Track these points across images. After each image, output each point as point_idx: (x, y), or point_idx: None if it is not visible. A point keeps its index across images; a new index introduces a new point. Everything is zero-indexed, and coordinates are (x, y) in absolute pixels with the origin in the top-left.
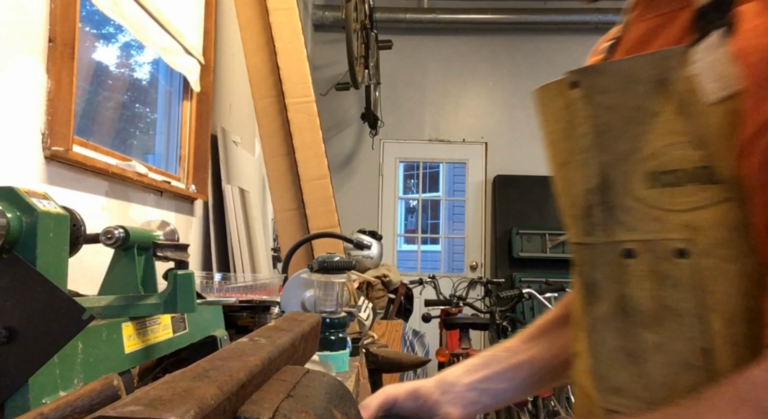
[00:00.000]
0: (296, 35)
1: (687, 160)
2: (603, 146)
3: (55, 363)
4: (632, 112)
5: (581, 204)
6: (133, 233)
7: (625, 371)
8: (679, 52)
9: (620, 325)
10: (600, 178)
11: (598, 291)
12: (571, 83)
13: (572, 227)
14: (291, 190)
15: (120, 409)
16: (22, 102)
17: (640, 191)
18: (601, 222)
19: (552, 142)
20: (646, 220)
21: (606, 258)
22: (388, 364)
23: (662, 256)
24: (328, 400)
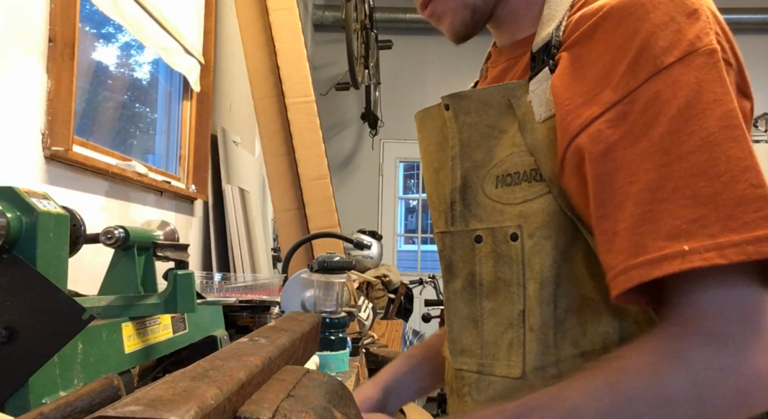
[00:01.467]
0: (296, 35)
1: (523, 164)
2: (465, 155)
3: (55, 363)
4: (487, 128)
5: (447, 200)
6: (133, 233)
7: (470, 334)
8: (521, 84)
9: (468, 296)
10: (462, 180)
11: (455, 270)
12: (445, 105)
13: (439, 219)
14: (291, 190)
15: (120, 409)
16: (22, 102)
17: (490, 190)
18: (460, 215)
19: (430, 153)
20: (492, 212)
21: (462, 243)
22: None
23: (500, 240)
24: (328, 400)
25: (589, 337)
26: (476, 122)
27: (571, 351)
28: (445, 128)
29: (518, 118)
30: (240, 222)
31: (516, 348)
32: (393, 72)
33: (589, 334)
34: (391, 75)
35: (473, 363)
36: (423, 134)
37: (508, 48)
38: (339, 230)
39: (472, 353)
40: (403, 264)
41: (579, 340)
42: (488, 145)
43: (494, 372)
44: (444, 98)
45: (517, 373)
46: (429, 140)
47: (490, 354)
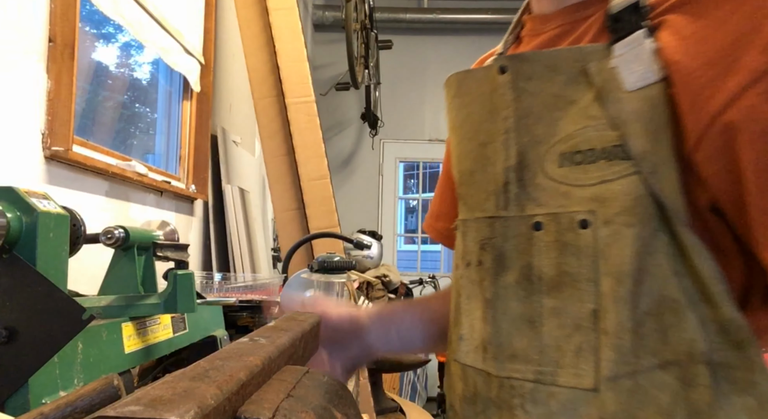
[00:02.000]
0: (296, 35)
1: (600, 140)
2: (523, 128)
3: (55, 363)
4: (552, 98)
5: (499, 180)
6: (133, 233)
7: (524, 336)
8: (599, 48)
9: (523, 293)
10: (518, 158)
11: (507, 262)
12: (500, 68)
13: (486, 202)
14: (291, 190)
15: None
16: (22, 102)
17: (552, 170)
18: (515, 198)
19: (473, 123)
20: (555, 196)
21: (517, 231)
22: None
23: (566, 227)
24: (328, 400)
25: (671, 346)
26: (539, 90)
27: (650, 360)
28: (496, 95)
29: (596, 86)
30: (240, 222)
31: (586, 354)
32: (393, 72)
33: (671, 342)
34: (391, 75)
35: (528, 371)
36: (463, 100)
37: (560, 12)
38: (339, 230)
39: (526, 359)
40: (403, 264)
41: (659, 349)
42: (551, 117)
43: (557, 382)
44: (500, 59)
45: (588, 384)
46: (472, 108)
47: (551, 361)
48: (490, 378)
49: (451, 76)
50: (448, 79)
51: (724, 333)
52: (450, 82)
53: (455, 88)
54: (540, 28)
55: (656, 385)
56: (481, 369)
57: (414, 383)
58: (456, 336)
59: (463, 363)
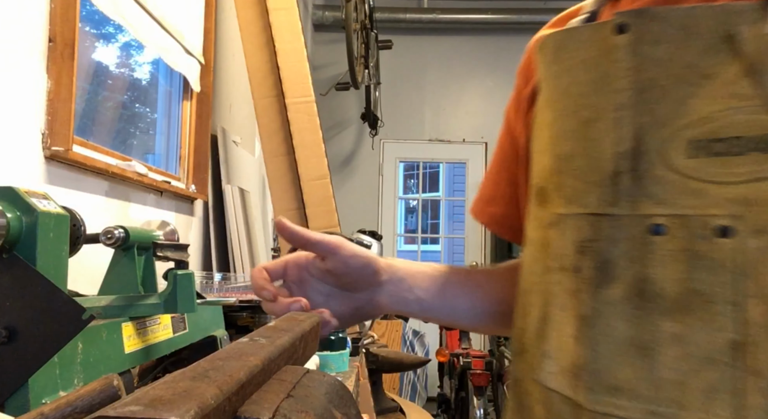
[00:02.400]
0: (296, 35)
1: (752, 126)
2: (643, 105)
3: (55, 363)
4: (683, 69)
5: (607, 169)
6: (133, 233)
7: (632, 366)
8: (753, 8)
9: (635, 312)
10: (633, 142)
11: (613, 271)
12: (618, 26)
13: (588, 194)
14: (291, 190)
15: (120, 409)
16: (22, 102)
17: (678, 160)
18: (627, 192)
19: (574, 95)
20: (683, 194)
21: (628, 233)
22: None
23: (698, 234)
24: (328, 400)
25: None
26: (668, 57)
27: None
28: (608, 61)
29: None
30: (240, 222)
31: (723, 396)
32: (393, 72)
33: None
34: (391, 75)
35: (636, 409)
36: (562, 67)
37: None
38: (339, 230)
39: (634, 394)
40: None
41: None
42: (682, 92)
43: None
44: (621, 14)
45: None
46: (574, 76)
47: (670, 400)
48: (581, 411)
49: (547, 37)
50: (543, 40)
51: None
52: (545, 45)
53: (552, 51)
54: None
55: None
56: (570, 398)
57: (414, 383)
58: (539, 350)
59: (545, 386)
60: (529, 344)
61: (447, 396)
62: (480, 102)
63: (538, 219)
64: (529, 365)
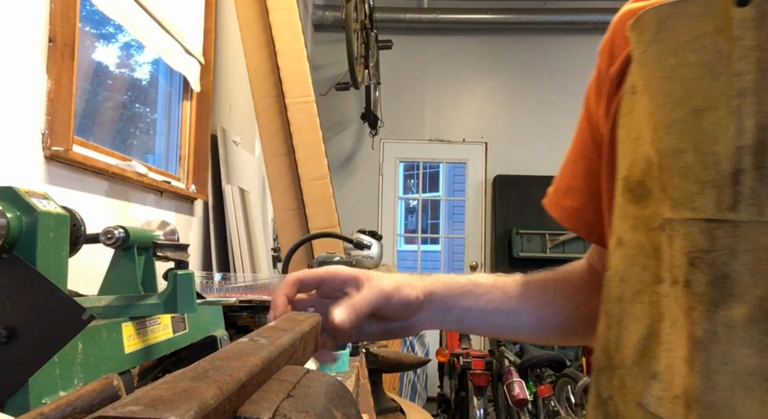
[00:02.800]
0: (296, 35)
1: None
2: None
3: (55, 363)
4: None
5: (725, 166)
6: (133, 233)
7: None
8: None
9: (763, 338)
10: (758, 136)
11: (734, 288)
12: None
13: (700, 196)
14: (291, 190)
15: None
16: (22, 102)
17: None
18: (751, 194)
19: (682, 80)
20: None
21: (752, 244)
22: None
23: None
24: (328, 400)
25: None
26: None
27: None
28: (724, 39)
29: None
30: (240, 222)
31: None
32: (393, 72)
33: None
34: (391, 75)
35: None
36: (666, 46)
37: None
38: (339, 230)
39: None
40: (403, 264)
41: None
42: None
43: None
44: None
45: None
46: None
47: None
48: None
49: (647, 12)
50: (642, 15)
51: None
52: (644, 21)
53: (654, 28)
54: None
55: None
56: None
57: (414, 383)
58: (645, 371)
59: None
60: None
61: (447, 396)
62: (480, 102)
63: (638, 218)
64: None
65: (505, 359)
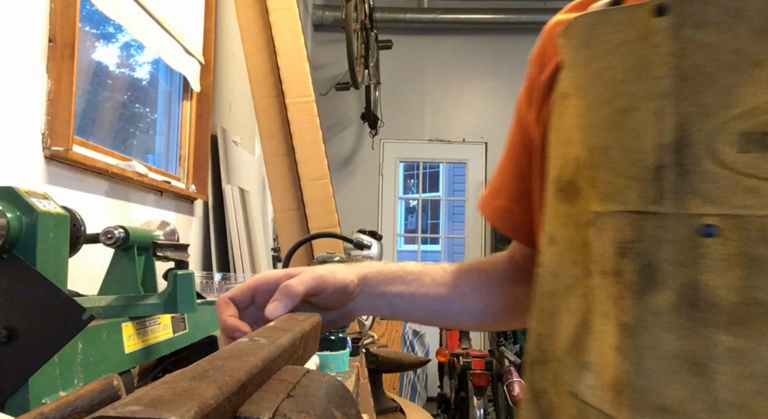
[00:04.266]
0: (296, 35)
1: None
2: (686, 94)
3: (55, 363)
4: (731, 55)
5: (648, 162)
6: (133, 233)
7: (683, 385)
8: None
9: (684, 323)
10: (677, 134)
11: (659, 277)
12: (657, 8)
13: (628, 190)
14: (291, 190)
15: (120, 409)
16: (22, 102)
17: (729, 154)
18: (672, 189)
19: (608, 83)
20: (736, 192)
21: (675, 235)
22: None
23: (755, 236)
24: (328, 400)
25: None
26: (714, 42)
27: None
28: (646, 46)
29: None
30: (240, 222)
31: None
32: (393, 72)
33: None
34: (391, 75)
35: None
36: (594, 51)
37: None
38: (339, 230)
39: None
40: None
41: None
42: (730, 81)
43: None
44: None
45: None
46: (607, 62)
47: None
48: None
49: (575, 21)
50: (571, 23)
51: None
52: (573, 29)
53: (582, 36)
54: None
55: None
56: (611, 416)
57: (414, 383)
58: (577, 362)
59: (583, 401)
60: (561, 353)
61: (447, 396)
62: (480, 102)
63: (569, 216)
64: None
65: (505, 359)
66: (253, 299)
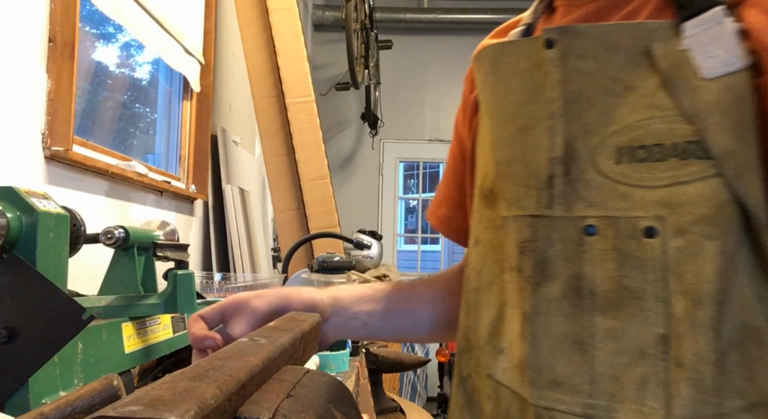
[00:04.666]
0: (296, 35)
1: (671, 135)
2: (572, 114)
3: (55, 363)
4: (608, 81)
5: (542, 173)
6: (133, 233)
7: (570, 361)
8: (665, 26)
9: (571, 309)
10: (565, 148)
11: (550, 270)
12: (547, 41)
13: (526, 197)
14: (291, 190)
15: (120, 409)
16: (22, 102)
17: (606, 165)
18: (561, 195)
19: (511, 104)
20: (612, 197)
21: (563, 234)
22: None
23: (627, 234)
24: (328, 400)
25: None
26: (593, 70)
27: (736, 401)
28: (539, 73)
29: (662, 71)
30: (240, 222)
31: (654, 388)
32: (393, 72)
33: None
34: (391, 75)
35: (575, 403)
36: (498, 78)
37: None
38: (339, 230)
39: (573, 388)
40: (403, 264)
41: (744, 387)
42: (607, 103)
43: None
44: (549, 31)
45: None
46: (510, 87)
47: (606, 393)
48: (526, 406)
49: (484, 50)
50: (480, 52)
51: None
52: (482, 57)
53: (489, 63)
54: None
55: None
56: (518, 393)
57: (414, 383)
58: (494, 348)
59: (498, 381)
60: (481, 341)
61: (447, 396)
62: None
63: (488, 220)
64: (478, 361)
65: None
66: (222, 318)
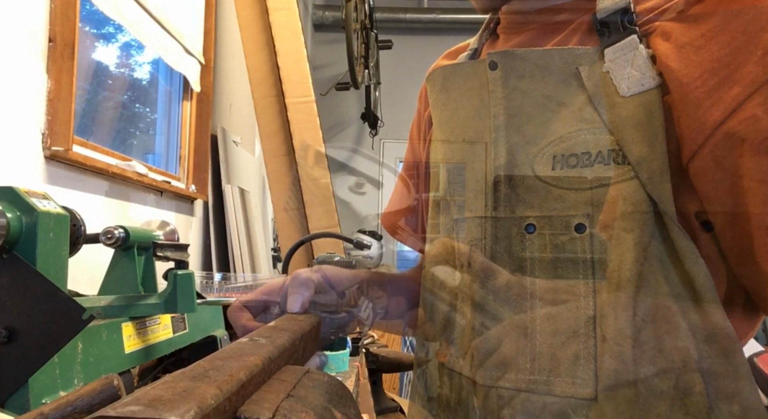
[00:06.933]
0: (296, 35)
1: (596, 144)
2: (513, 128)
3: (55, 363)
4: (543, 98)
5: (488, 180)
6: (133, 233)
7: (514, 344)
8: (591, 52)
9: (516, 298)
10: (507, 158)
11: (497, 264)
12: (491, 64)
13: (475, 201)
14: (291, 190)
15: (120, 409)
16: (22, 102)
17: (544, 172)
18: (505, 199)
19: (460, 119)
20: (548, 199)
21: (507, 233)
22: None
23: (561, 231)
24: (328, 400)
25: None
26: (530, 89)
27: (649, 368)
28: (485, 91)
29: (588, 90)
30: (240, 222)
31: (584, 362)
32: (393, 72)
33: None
34: (391, 75)
35: (520, 380)
36: (449, 95)
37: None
38: (339, 230)
39: (517, 367)
40: (403, 264)
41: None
42: (543, 117)
43: (553, 392)
44: (492, 55)
45: (586, 393)
46: (459, 103)
47: (545, 369)
48: (476, 388)
49: (436, 71)
50: (432, 73)
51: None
52: (434, 77)
53: (440, 82)
54: (520, 25)
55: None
56: (469, 378)
57: None
58: (447, 339)
59: (450, 369)
60: (438, 333)
61: None
62: None
63: (442, 224)
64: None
65: None
66: (265, 306)
